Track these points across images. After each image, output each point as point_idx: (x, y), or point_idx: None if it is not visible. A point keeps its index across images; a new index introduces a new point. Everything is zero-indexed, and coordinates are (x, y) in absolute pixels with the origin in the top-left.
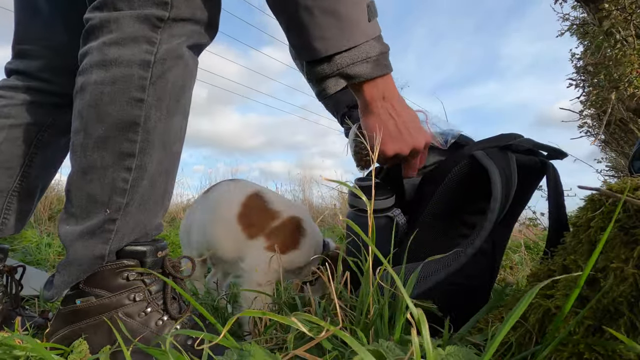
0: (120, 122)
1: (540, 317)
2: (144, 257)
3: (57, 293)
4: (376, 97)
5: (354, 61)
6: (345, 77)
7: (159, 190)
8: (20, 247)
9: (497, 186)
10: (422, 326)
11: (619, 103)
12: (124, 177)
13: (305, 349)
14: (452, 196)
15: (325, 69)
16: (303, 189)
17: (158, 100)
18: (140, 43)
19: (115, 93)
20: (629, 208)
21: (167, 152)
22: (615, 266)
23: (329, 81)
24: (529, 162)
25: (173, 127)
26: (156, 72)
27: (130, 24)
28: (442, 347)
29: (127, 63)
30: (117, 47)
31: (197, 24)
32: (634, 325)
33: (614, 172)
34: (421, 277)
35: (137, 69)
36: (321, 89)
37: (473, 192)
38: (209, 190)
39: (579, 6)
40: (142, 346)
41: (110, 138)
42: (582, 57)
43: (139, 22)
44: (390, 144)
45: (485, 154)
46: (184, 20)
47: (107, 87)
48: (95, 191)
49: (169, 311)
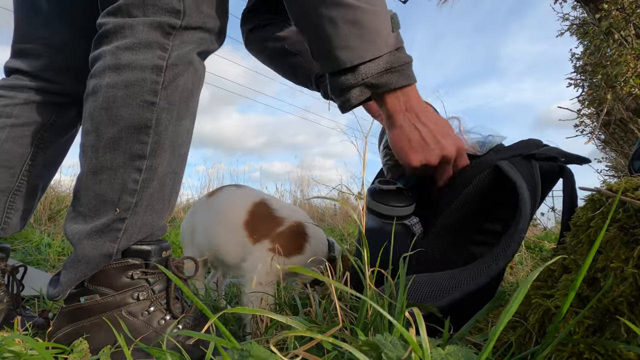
0: (132, 125)
1: (540, 317)
2: (149, 256)
3: (63, 290)
4: (398, 108)
5: (379, 71)
6: (369, 87)
7: (167, 191)
8: (21, 247)
9: (527, 205)
10: (420, 325)
11: (619, 103)
12: (134, 177)
13: (305, 348)
14: (470, 205)
15: (349, 79)
16: (302, 189)
17: (169, 104)
18: (154, 49)
19: (127, 96)
20: (628, 208)
21: (175, 154)
22: (615, 266)
23: (353, 91)
24: (549, 167)
25: (182, 130)
26: (168, 77)
27: (144, 31)
28: (442, 346)
29: (140, 67)
30: (130, 52)
31: (207, 32)
32: (634, 325)
33: (614, 172)
34: (435, 293)
35: (150, 74)
36: (345, 99)
37: (491, 199)
38: (214, 194)
39: (579, 6)
40: (143, 345)
41: (122, 140)
42: (581, 57)
43: (153, 28)
44: (414, 155)
45: (510, 164)
46: (194, 28)
47: (120, 91)
48: (106, 191)
49: (172, 311)
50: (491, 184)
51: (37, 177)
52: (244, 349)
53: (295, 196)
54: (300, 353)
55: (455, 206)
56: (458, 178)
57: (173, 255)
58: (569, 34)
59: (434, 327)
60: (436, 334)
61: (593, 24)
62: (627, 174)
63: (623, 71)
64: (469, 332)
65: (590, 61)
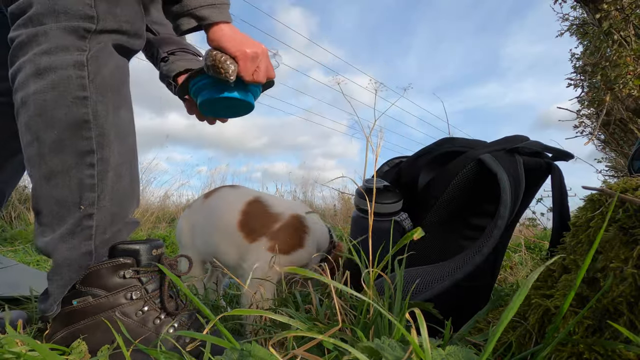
0: (71, 123)
1: (540, 317)
2: (139, 254)
3: (54, 301)
4: (219, 36)
5: (201, 5)
6: (195, 18)
7: (126, 181)
8: (21, 248)
9: (507, 192)
10: (420, 326)
11: (619, 103)
12: (89, 173)
13: (305, 348)
14: (457, 200)
15: (177, 8)
16: (304, 190)
17: (101, 96)
18: (71, 51)
19: (58, 97)
20: (628, 208)
21: (124, 145)
22: (615, 266)
23: (182, 19)
24: (535, 164)
25: (123, 119)
26: (92, 70)
27: (59, 35)
28: (442, 347)
29: (62, 67)
30: (48, 55)
31: (124, 34)
32: (633, 325)
33: (614, 172)
34: (426, 283)
35: (74, 70)
36: (175, 25)
37: (478, 194)
38: (209, 195)
39: (579, 6)
40: (142, 346)
41: (65, 140)
42: (580, 57)
43: (67, 33)
44: (246, 47)
45: (493, 157)
46: (110, 31)
47: (48, 94)
48: (64, 194)
49: (167, 309)
50: (477, 177)
51: (4, 182)
52: (244, 349)
53: (296, 196)
54: (300, 353)
55: (443, 200)
56: (444, 172)
57: (173, 255)
58: (568, 34)
59: (434, 327)
60: (436, 335)
61: (593, 24)
62: (626, 174)
63: (622, 73)
64: (468, 332)
65: (590, 61)
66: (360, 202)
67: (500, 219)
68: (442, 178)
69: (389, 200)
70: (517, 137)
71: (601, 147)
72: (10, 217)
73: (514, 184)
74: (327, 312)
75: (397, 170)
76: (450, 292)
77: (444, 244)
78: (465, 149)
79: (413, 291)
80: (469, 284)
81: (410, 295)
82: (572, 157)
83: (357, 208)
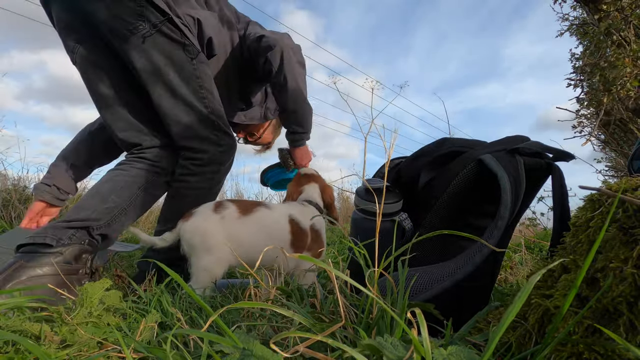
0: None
1: (540, 317)
2: None
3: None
4: (296, 153)
5: (306, 131)
6: (293, 141)
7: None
8: None
9: (507, 193)
10: (421, 325)
11: (618, 103)
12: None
13: (307, 345)
14: (457, 200)
15: (303, 136)
16: None
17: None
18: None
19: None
20: (628, 208)
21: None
22: (615, 266)
23: (292, 136)
24: (535, 165)
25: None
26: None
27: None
28: (444, 347)
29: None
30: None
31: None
32: (633, 325)
33: (614, 172)
34: (427, 283)
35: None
36: (296, 141)
37: (478, 195)
38: (248, 211)
39: (579, 6)
40: (146, 347)
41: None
42: (580, 57)
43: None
44: (305, 159)
45: (493, 157)
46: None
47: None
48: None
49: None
50: (477, 178)
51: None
52: (245, 347)
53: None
54: (301, 349)
55: (444, 201)
56: (444, 172)
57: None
58: (568, 34)
59: (435, 327)
60: (437, 335)
61: (593, 24)
62: (626, 174)
63: (620, 75)
64: (468, 332)
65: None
66: (360, 203)
67: (501, 219)
68: (443, 178)
69: (389, 201)
70: (517, 137)
71: (601, 147)
72: (10, 217)
73: (515, 185)
74: (332, 308)
75: (397, 171)
76: (450, 293)
77: (444, 244)
78: (465, 149)
79: (413, 291)
80: (469, 284)
81: (410, 295)
82: (572, 158)
83: (357, 208)
